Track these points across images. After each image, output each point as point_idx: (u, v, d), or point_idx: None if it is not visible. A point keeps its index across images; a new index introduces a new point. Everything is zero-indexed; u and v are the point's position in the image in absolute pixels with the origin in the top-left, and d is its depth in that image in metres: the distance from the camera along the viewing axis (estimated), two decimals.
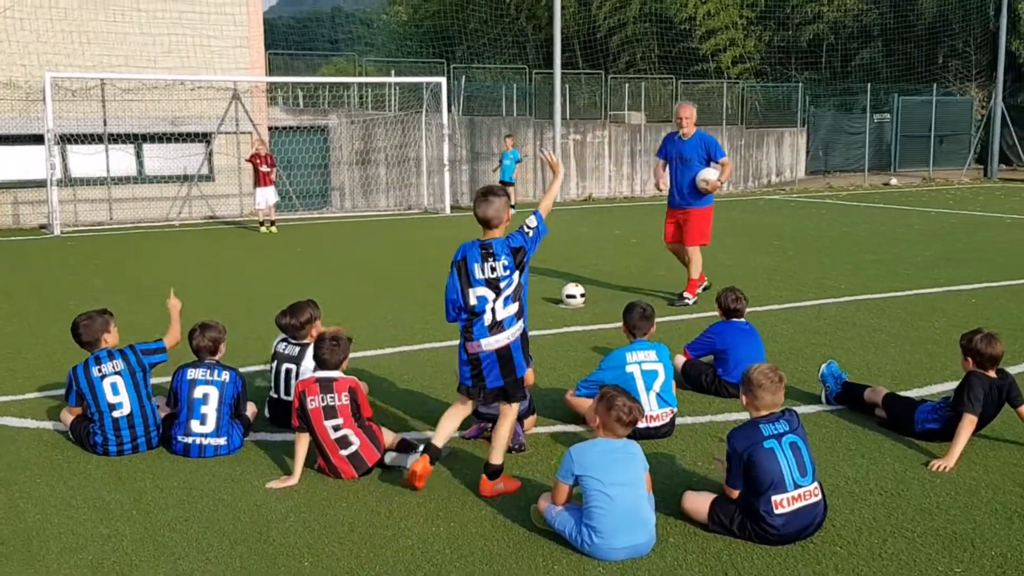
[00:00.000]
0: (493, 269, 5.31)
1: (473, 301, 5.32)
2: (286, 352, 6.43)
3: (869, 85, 32.60)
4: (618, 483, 4.54)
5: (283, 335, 6.56)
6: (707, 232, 11.06)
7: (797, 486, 4.73)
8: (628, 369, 6.24)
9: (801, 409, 6.87)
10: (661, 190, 11.13)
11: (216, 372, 6.03)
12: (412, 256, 15.37)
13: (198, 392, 5.96)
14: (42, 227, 19.87)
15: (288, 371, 6.39)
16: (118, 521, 5.08)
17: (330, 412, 5.51)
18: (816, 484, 4.82)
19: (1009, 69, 33.66)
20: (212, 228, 20.34)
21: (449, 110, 24.65)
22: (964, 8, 35.85)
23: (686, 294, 10.90)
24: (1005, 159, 33.80)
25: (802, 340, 9.00)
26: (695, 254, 10.92)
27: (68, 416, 6.20)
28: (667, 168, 11.02)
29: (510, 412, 5.48)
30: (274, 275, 13.55)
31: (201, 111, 22.20)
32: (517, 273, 5.36)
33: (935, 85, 34.91)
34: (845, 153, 34.46)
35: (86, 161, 21.43)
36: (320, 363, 5.62)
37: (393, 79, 26.21)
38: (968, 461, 5.76)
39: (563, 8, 40.62)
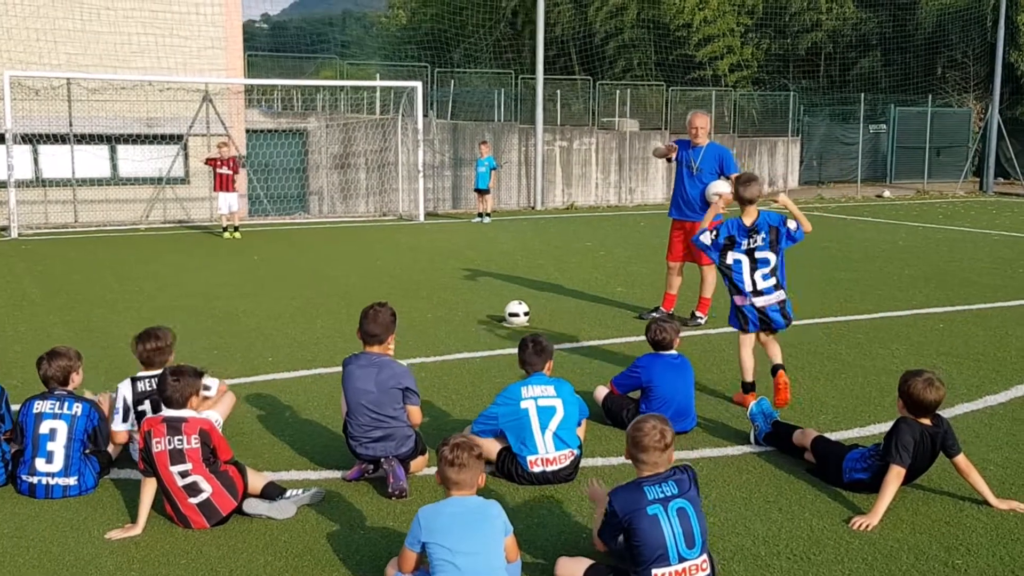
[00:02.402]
0: (753, 241, 7.04)
1: (729, 261, 7.09)
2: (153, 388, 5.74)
3: (863, 95, 31.97)
4: (467, 551, 3.96)
5: (134, 374, 5.86)
6: None
7: (682, 559, 4.15)
8: (522, 405, 5.65)
9: (728, 450, 6.33)
10: (668, 152, 10.45)
11: (66, 405, 5.45)
12: (366, 266, 14.81)
13: (44, 427, 5.38)
14: (2, 229, 19.35)
15: None
16: None
17: (177, 456, 4.94)
18: (704, 557, 4.23)
19: (1007, 81, 33.02)
20: (177, 233, 19.80)
21: (426, 115, 24.10)
22: (963, 19, 35.21)
23: (698, 313, 10.32)
24: (1003, 172, 33.16)
25: None
26: (709, 273, 10.28)
27: None
28: (675, 170, 10.50)
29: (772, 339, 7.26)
30: (220, 287, 12.97)
31: (176, 112, 21.66)
32: (773, 255, 7.04)
33: (931, 96, 34.29)
34: (839, 164, 33.85)
35: (56, 162, 20.95)
36: (165, 401, 5.04)
37: (369, 83, 25.71)
38: (894, 518, 5.18)
39: (559, 13, 40.24)
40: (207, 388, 5.81)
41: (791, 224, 7.06)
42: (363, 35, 60.52)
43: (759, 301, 7.07)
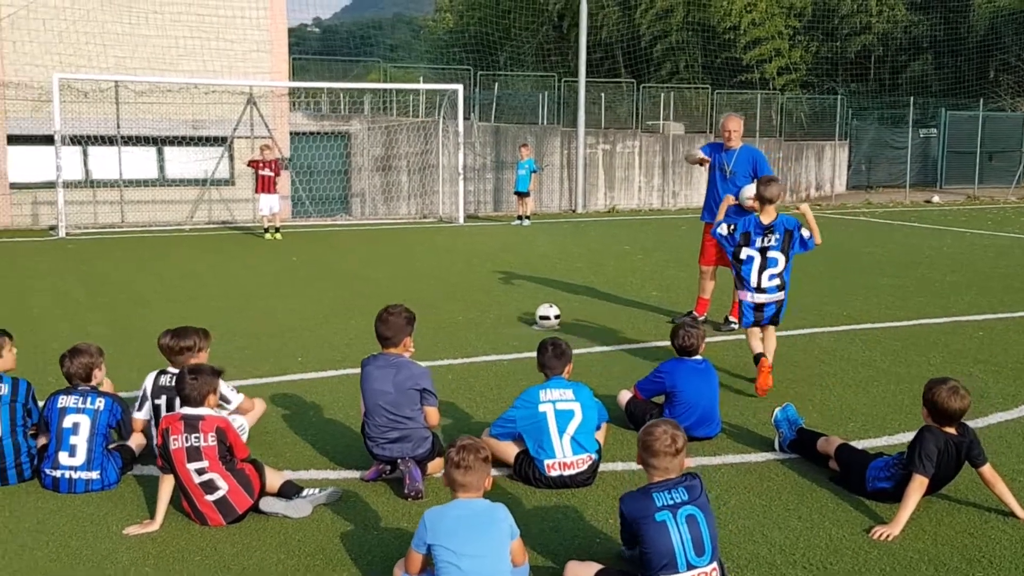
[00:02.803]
0: (767, 240, 7.58)
1: (743, 256, 7.64)
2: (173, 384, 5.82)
3: (913, 98, 31.45)
4: (471, 554, 3.95)
5: (160, 369, 5.97)
6: None
7: (691, 567, 4.09)
8: (541, 409, 5.62)
9: (751, 457, 6.24)
10: (701, 162, 10.34)
11: (89, 400, 5.54)
12: (404, 267, 14.87)
13: (68, 421, 5.47)
14: (51, 228, 19.74)
15: None
16: None
17: (194, 454, 4.99)
18: (715, 565, 4.16)
19: None
20: (220, 233, 20.06)
21: (467, 117, 24.15)
22: (1016, 22, 34.54)
23: (731, 318, 10.22)
24: None
25: (779, 376, 8.23)
26: None
27: None
28: (708, 173, 10.38)
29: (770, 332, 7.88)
30: (258, 287, 13.11)
31: (221, 115, 21.96)
32: (783, 257, 7.60)
33: (983, 100, 33.64)
34: (888, 168, 33.36)
35: (104, 163, 21.34)
36: (183, 399, 5.10)
37: (409, 86, 25.83)
38: (916, 528, 5.07)
39: (606, 16, 40.11)
40: (227, 402, 5.87)
41: (805, 232, 7.67)
42: (411, 39, 60.97)
43: (760, 298, 7.71)
